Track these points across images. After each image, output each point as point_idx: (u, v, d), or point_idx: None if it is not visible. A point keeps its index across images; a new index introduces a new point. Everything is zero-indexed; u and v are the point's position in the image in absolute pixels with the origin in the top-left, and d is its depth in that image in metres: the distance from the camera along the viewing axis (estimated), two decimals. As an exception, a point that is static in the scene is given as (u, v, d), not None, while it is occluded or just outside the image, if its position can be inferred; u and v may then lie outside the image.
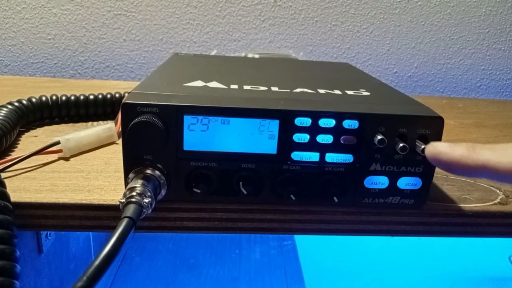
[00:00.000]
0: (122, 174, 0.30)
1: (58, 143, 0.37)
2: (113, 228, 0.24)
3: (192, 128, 0.29)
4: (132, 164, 0.29)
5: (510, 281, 0.75)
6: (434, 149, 0.25)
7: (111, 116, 0.49)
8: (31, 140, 0.42)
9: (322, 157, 0.30)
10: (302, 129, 0.29)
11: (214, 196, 0.31)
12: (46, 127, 0.45)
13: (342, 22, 0.81)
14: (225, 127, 0.29)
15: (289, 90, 0.34)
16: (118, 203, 0.27)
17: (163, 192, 0.30)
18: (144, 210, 0.26)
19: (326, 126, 0.29)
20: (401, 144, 0.29)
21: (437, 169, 0.31)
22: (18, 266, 0.26)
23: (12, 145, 0.39)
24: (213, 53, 0.78)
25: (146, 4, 0.77)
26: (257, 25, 0.80)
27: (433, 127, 0.30)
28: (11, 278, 0.25)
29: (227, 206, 0.31)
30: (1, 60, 0.78)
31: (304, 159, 0.30)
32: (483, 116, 0.65)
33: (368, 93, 0.35)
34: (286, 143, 0.30)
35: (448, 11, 0.82)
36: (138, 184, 0.27)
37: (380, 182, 0.31)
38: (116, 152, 0.40)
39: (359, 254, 0.78)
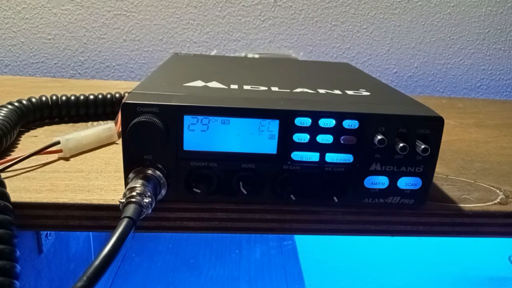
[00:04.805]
0: (122, 174, 0.30)
1: (58, 143, 0.37)
2: (113, 228, 0.24)
3: (192, 128, 0.29)
4: (132, 164, 0.29)
5: (510, 281, 0.75)
6: None
7: (111, 116, 0.49)
8: (31, 140, 0.42)
9: (322, 157, 0.30)
10: (302, 129, 0.29)
11: (214, 196, 0.31)
12: (46, 127, 0.45)
13: (342, 22, 0.81)
14: (225, 127, 0.29)
15: (289, 90, 0.34)
16: (118, 203, 0.27)
17: (163, 192, 0.30)
18: (144, 210, 0.26)
19: (326, 126, 0.29)
20: (401, 144, 0.29)
21: (437, 169, 0.31)
22: (18, 266, 0.26)
23: (12, 145, 0.39)
24: (213, 53, 0.78)
25: (146, 4, 0.76)
26: (257, 25, 0.80)
27: (433, 127, 0.30)
28: (11, 278, 0.25)
29: (227, 206, 0.31)
30: (1, 60, 0.78)
31: (304, 159, 0.30)
32: (483, 116, 0.65)
33: (368, 93, 0.35)
34: (286, 143, 0.30)
35: (448, 11, 0.82)
36: (138, 184, 0.27)
37: (380, 182, 0.31)
38: (116, 152, 0.40)
39: (359, 254, 0.78)
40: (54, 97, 0.46)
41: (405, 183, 0.31)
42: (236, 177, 0.30)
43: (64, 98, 0.46)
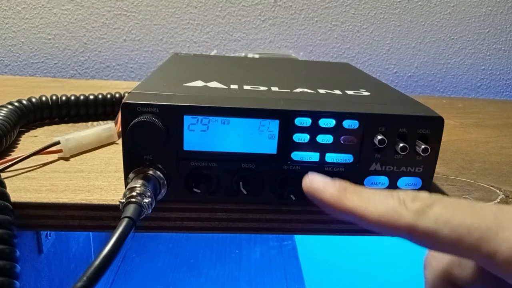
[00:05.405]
0: (122, 174, 0.29)
1: (58, 143, 0.37)
2: (113, 228, 0.24)
3: (192, 128, 0.29)
4: (132, 164, 0.29)
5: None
6: (310, 184, 0.22)
7: (111, 116, 0.49)
8: (31, 140, 0.42)
9: (322, 157, 0.30)
10: (302, 129, 0.29)
11: (214, 196, 0.31)
12: (46, 127, 0.45)
13: (342, 22, 0.81)
14: (225, 127, 0.29)
15: (289, 90, 0.34)
16: (118, 203, 0.27)
17: (163, 192, 0.29)
18: (144, 210, 0.26)
19: (326, 126, 0.29)
20: (401, 144, 0.29)
21: (437, 169, 0.31)
22: (18, 266, 0.26)
23: (12, 145, 0.39)
24: (213, 53, 0.78)
25: (146, 4, 0.77)
26: (257, 25, 0.80)
27: (433, 127, 0.30)
28: (11, 278, 0.25)
29: (227, 206, 0.31)
30: (1, 60, 0.78)
31: (304, 159, 0.30)
32: (483, 116, 0.65)
33: (368, 93, 0.35)
34: (286, 143, 0.30)
35: (448, 11, 0.82)
36: (138, 184, 0.27)
37: (380, 182, 0.31)
38: (116, 152, 0.40)
39: (359, 254, 0.78)
40: (54, 97, 0.46)
41: (405, 183, 0.31)
42: (236, 177, 0.30)
43: (64, 98, 0.46)
